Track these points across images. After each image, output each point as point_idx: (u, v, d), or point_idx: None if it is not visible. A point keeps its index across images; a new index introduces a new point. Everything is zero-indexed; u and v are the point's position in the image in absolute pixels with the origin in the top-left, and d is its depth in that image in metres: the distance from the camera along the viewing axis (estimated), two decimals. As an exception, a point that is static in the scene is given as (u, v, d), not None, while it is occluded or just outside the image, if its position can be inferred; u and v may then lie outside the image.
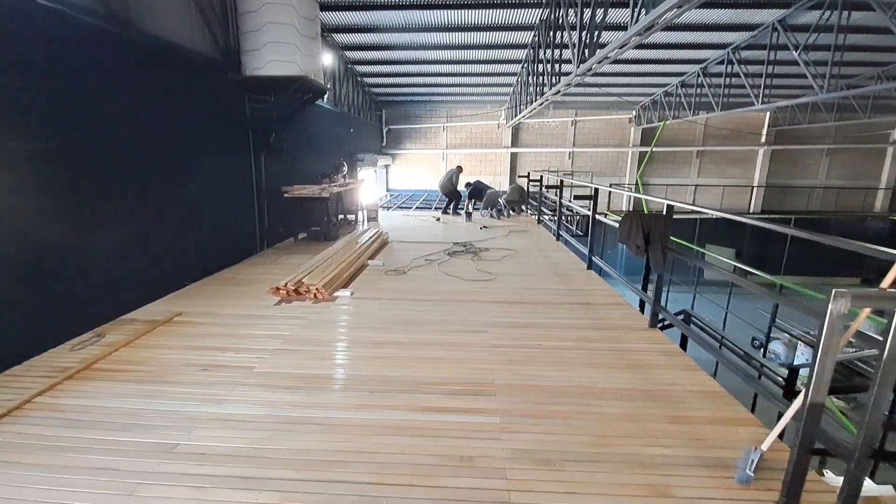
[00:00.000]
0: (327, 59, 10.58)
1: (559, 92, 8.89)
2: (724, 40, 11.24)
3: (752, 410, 4.36)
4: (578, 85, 9.89)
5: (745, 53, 11.23)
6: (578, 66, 6.58)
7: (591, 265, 5.86)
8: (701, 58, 12.55)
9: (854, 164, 18.36)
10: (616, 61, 7.87)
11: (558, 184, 7.68)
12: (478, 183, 11.03)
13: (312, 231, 7.75)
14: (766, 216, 16.56)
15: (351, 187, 9.45)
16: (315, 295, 4.49)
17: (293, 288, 4.48)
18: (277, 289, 4.48)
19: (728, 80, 11.72)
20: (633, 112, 18.19)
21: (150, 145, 4.68)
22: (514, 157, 19.16)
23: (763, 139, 18.07)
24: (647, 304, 4.27)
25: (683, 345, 5.70)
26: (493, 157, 19.24)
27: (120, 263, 4.24)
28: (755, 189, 18.40)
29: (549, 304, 4.49)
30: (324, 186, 7.82)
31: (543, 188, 10.12)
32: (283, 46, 6.07)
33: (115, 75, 4.21)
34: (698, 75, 13.17)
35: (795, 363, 10.97)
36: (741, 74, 10.86)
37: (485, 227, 9.27)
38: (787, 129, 17.45)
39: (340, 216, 9.95)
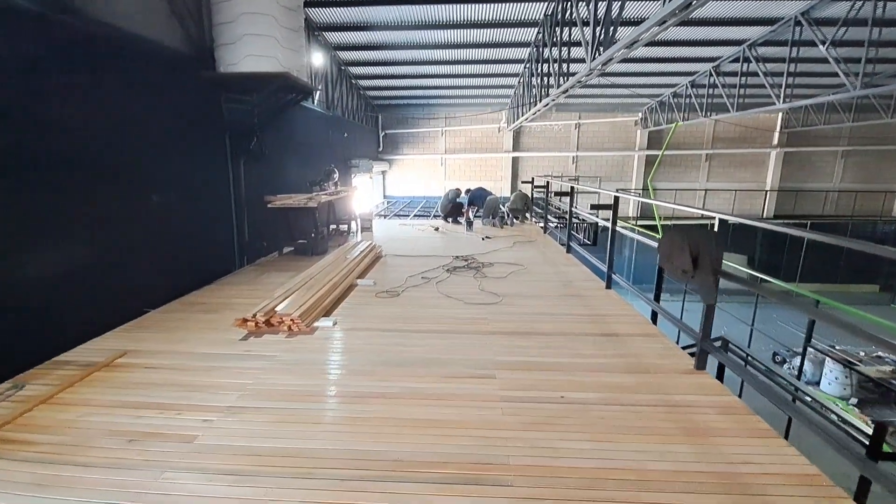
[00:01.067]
0: (317, 58, 9.94)
1: (567, 91, 8.23)
2: (739, 36, 10.60)
3: (786, 437, 3.66)
4: (583, 86, 9.26)
5: (762, 50, 10.59)
6: (593, 59, 5.90)
7: (610, 283, 5.15)
8: (713, 55, 11.92)
9: (870, 166, 17.67)
10: (623, 60, 7.26)
11: (569, 190, 6.99)
12: (478, 190, 10.34)
13: (299, 245, 7.05)
14: (782, 221, 15.87)
15: (343, 196, 8.78)
16: (290, 327, 3.78)
17: (264, 319, 3.77)
18: (245, 320, 3.77)
19: (744, 79, 11.05)
20: (640, 114, 17.55)
21: (103, 151, 4.00)
22: (515, 161, 18.52)
23: (775, 141, 17.41)
24: (653, 318, 3.62)
25: (720, 375, 5.00)
26: (494, 161, 18.60)
27: (59, 292, 3.54)
28: (768, 193, 17.69)
29: (567, 336, 3.78)
30: (311, 196, 7.14)
31: (551, 195, 9.43)
32: (261, 40, 5.40)
33: (56, 69, 3.54)
34: (710, 74, 12.52)
35: (823, 381, 10.25)
36: (760, 73, 10.18)
37: (487, 237, 8.57)
38: (799, 130, 16.78)
39: (332, 226, 9.29)
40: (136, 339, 3.73)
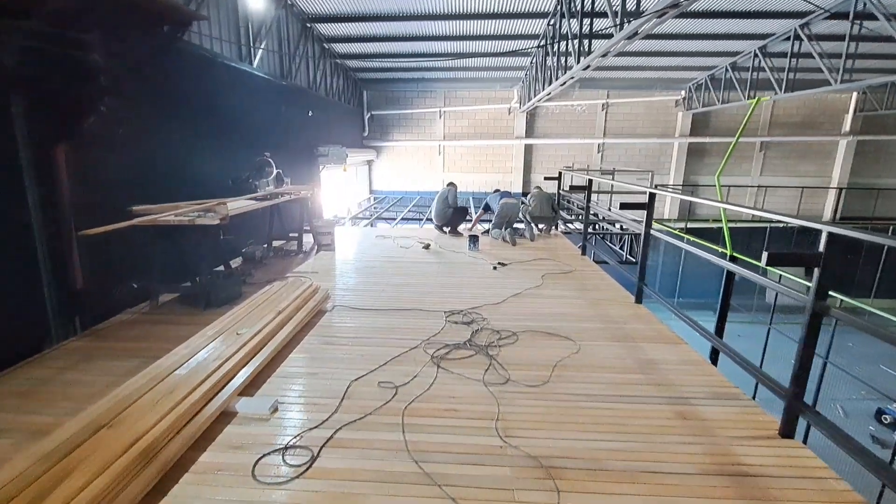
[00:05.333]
0: (256, 1, 6.98)
1: (626, 39, 5.29)
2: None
3: None
4: (618, 53, 6.39)
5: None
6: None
7: (794, 425, 2.31)
8: (800, 8, 8.84)
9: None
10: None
11: (646, 199, 4.10)
12: (503, 193, 7.38)
13: (184, 289, 4.22)
14: (852, 224, 12.97)
15: (289, 198, 5.95)
16: None
17: None
18: None
19: (854, 44, 7.99)
20: (682, 93, 14.49)
21: None
22: (528, 149, 15.51)
23: (847, 127, 14.33)
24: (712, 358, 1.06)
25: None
26: (503, 150, 15.60)
27: None
28: (837, 191, 14.63)
29: None
30: (210, 205, 4.25)
31: (592, 199, 6.49)
32: None
33: None
34: (792, 37, 9.45)
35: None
36: (893, 30, 7.13)
37: (501, 264, 5.71)
38: (880, 114, 13.67)
39: (278, 242, 6.52)
40: None
